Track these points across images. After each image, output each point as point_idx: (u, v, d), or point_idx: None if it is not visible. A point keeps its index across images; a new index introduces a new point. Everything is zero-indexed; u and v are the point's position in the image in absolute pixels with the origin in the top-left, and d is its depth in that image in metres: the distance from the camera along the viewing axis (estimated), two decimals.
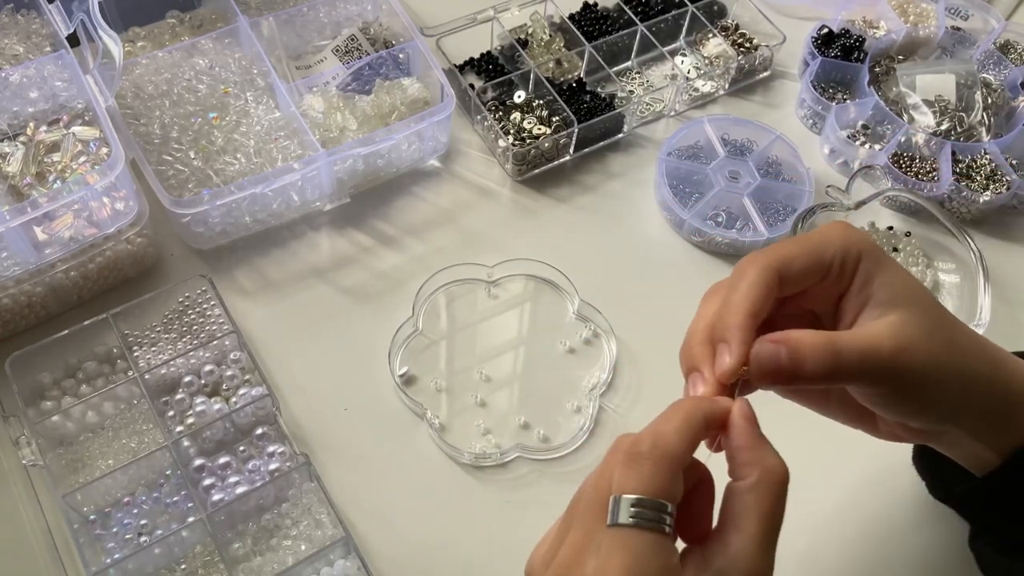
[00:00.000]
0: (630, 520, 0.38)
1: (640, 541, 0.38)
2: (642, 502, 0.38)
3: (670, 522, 0.39)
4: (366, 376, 0.69)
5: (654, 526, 0.38)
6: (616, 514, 0.38)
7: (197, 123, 0.75)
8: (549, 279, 0.75)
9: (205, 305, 0.70)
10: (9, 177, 0.68)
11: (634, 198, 0.81)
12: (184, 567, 0.60)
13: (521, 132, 0.80)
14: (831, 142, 0.84)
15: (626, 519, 0.38)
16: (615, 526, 0.38)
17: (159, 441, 0.63)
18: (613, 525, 0.38)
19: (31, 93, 0.72)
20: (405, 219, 0.78)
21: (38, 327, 0.69)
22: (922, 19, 0.91)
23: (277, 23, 0.81)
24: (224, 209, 0.71)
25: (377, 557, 0.61)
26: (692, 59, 0.90)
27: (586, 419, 0.68)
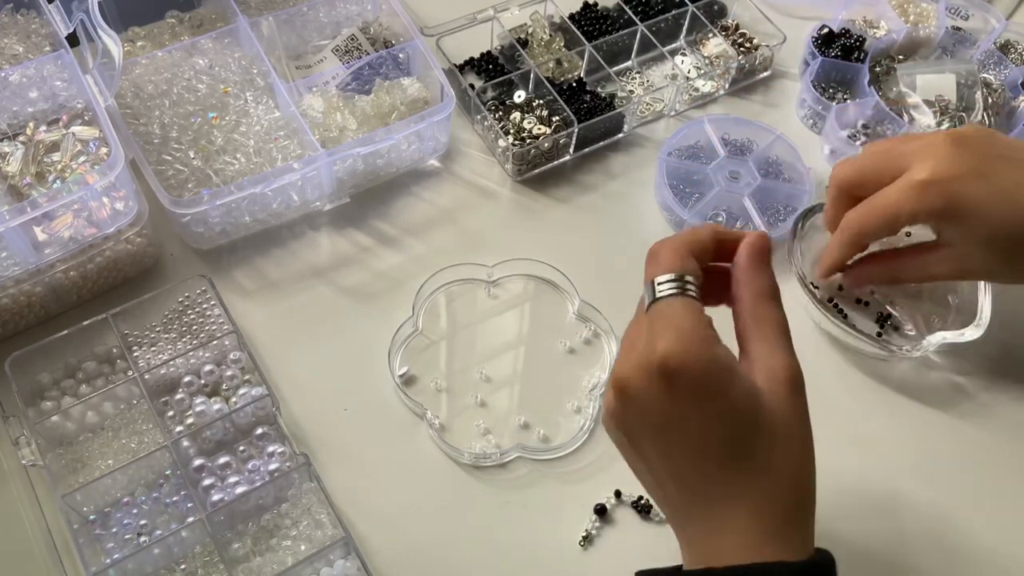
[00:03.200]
0: (660, 294, 0.47)
1: (670, 305, 0.46)
2: (669, 278, 0.47)
3: (693, 289, 0.47)
4: (366, 376, 0.69)
5: (678, 292, 0.46)
6: (652, 295, 0.47)
7: (197, 123, 0.75)
8: (549, 279, 0.75)
9: (205, 305, 0.70)
10: (9, 177, 0.68)
11: (634, 198, 0.81)
12: (184, 567, 0.60)
13: (521, 132, 0.80)
14: (831, 142, 0.84)
15: (654, 295, 0.47)
16: (651, 304, 0.47)
17: (159, 441, 0.63)
18: (650, 304, 0.47)
19: (31, 93, 0.72)
20: (405, 219, 0.78)
21: (38, 327, 0.69)
22: (922, 19, 0.91)
23: (277, 23, 0.81)
24: (224, 209, 0.71)
25: (377, 557, 0.61)
26: (692, 59, 0.90)
27: (586, 419, 0.68)
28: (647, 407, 0.45)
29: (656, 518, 0.64)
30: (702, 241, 0.49)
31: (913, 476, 0.67)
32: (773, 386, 0.45)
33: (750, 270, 0.48)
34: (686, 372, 0.43)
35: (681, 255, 0.47)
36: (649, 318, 0.46)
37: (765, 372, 0.45)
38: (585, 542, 0.63)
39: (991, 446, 0.69)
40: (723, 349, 0.45)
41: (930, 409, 0.70)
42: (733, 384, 0.44)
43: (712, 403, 0.44)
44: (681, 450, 0.46)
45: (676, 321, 0.45)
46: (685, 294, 0.46)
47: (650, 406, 0.45)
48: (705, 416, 0.44)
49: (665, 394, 0.44)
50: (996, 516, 0.66)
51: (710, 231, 0.49)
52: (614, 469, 0.66)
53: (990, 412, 0.70)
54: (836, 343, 0.73)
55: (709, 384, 0.44)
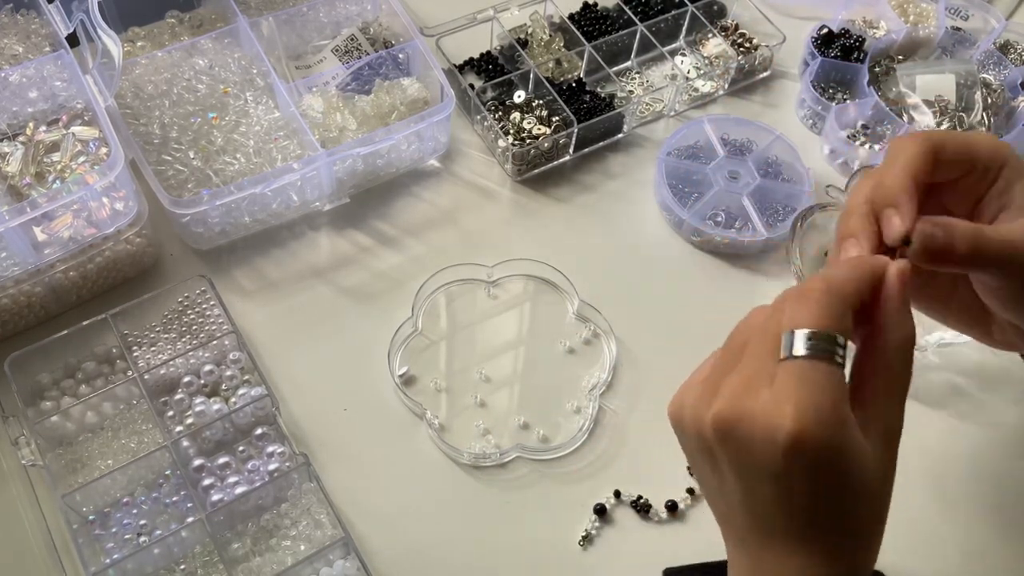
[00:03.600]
0: (804, 352, 0.40)
1: (815, 371, 0.40)
2: (816, 335, 0.40)
3: (842, 354, 0.40)
4: (366, 376, 0.69)
5: (828, 357, 0.40)
6: (790, 347, 0.40)
7: (197, 123, 0.75)
8: (549, 279, 0.75)
9: (204, 305, 0.70)
10: (8, 177, 0.68)
11: (634, 198, 0.81)
12: (183, 567, 0.60)
13: (521, 132, 0.80)
14: (831, 142, 0.84)
15: (800, 351, 0.40)
16: (790, 358, 0.40)
17: (158, 441, 0.63)
18: (788, 358, 0.40)
19: (30, 93, 0.72)
20: (405, 219, 0.78)
21: (38, 327, 0.69)
22: (922, 19, 0.91)
23: (277, 23, 0.81)
24: (224, 209, 0.71)
25: (377, 557, 0.61)
26: (692, 59, 0.90)
27: (586, 419, 0.68)
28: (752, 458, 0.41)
29: (655, 518, 0.64)
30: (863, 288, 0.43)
31: (912, 476, 0.67)
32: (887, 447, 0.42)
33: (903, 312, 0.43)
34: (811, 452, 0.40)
35: (840, 312, 0.41)
36: (783, 374, 0.40)
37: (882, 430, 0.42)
38: (585, 542, 0.63)
39: (991, 446, 0.69)
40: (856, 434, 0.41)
41: (929, 409, 0.70)
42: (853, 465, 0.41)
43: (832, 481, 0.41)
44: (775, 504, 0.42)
45: (814, 393, 0.40)
46: (831, 360, 0.40)
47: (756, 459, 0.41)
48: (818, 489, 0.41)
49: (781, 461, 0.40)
50: (996, 516, 0.66)
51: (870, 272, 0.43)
52: (614, 469, 0.66)
53: (990, 412, 0.70)
54: None
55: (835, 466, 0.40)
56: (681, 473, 0.66)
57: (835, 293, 0.41)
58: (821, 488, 0.41)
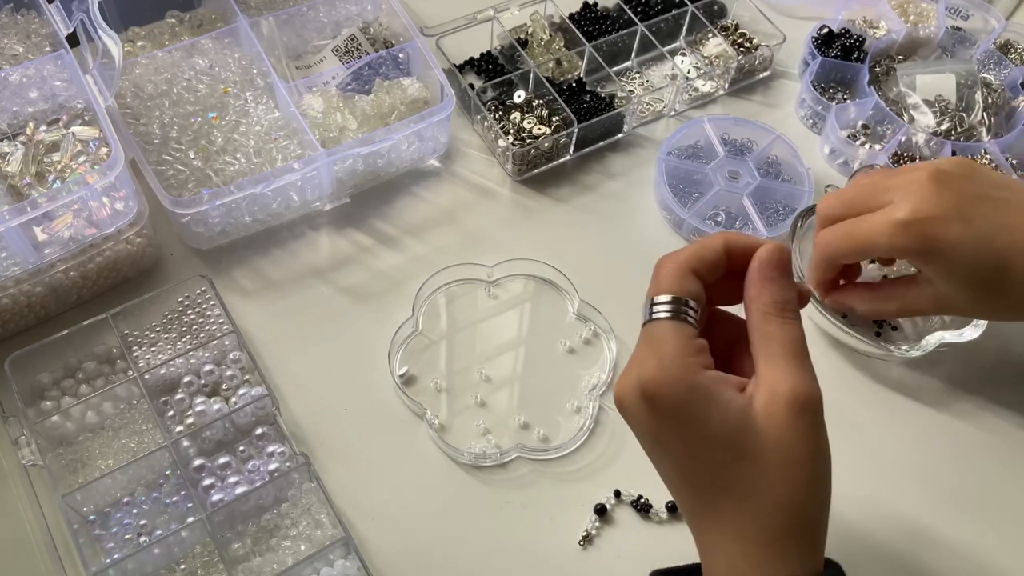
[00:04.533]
0: (656, 315, 0.46)
1: (662, 327, 0.45)
2: (663, 300, 0.46)
3: (692, 314, 0.46)
4: (366, 376, 0.69)
5: (675, 315, 0.45)
6: (648, 313, 0.46)
7: (197, 123, 0.75)
8: (549, 279, 0.75)
9: (204, 305, 0.70)
10: (9, 177, 0.68)
11: (634, 198, 0.81)
12: (184, 567, 0.60)
13: (521, 132, 0.80)
14: (831, 142, 0.84)
15: (654, 315, 0.46)
16: (646, 323, 0.46)
17: (159, 441, 0.63)
18: (645, 323, 0.46)
19: (31, 93, 0.72)
20: (405, 219, 0.78)
21: (38, 327, 0.69)
22: (922, 19, 0.91)
23: (277, 23, 0.81)
24: (224, 209, 0.71)
25: (377, 557, 0.61)
26: (692, 59, 0.90)
27: (586, 419, 0.68)
28: (639, 425, 0.46)
29: (656, 518, 0.64)
30: (710, 257, 0.47)
31: (912, 476, 0.67)
32: (771, 408, 0.43)
33: (758, 284, 0.47)
34: (662, 399, 0.44)
35: (681, 275, 0.46)
36: (641, 338, 0.46)
37: (766, 392, 0.44)
38: (585, 542, 0.63)
39: (990, 446, 0.69)
40: (710, 376, 0.44)
41: (929, 409, 0.70)
42: (712, 412, 0.43)
43: (690, 431, 0.44)
44: (670, 472, 0.46)
45: (660, 346, 0.45)
46: (677, 318, 0.45)
47: (640, 425, 0.46)
48: (686, 443, 0.44)
49: (649, 417, 0.45)
50: (996, 516, 0.66)
51: (720, 243, 0.48)
52: (614, 469, 0.66)
53: (989, 412, 0.70)
54: (835, 343, 0.73)
55: (687, 412, 0.44)
56: None
57: (677, 262, 0.47)
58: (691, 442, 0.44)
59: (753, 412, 0.43)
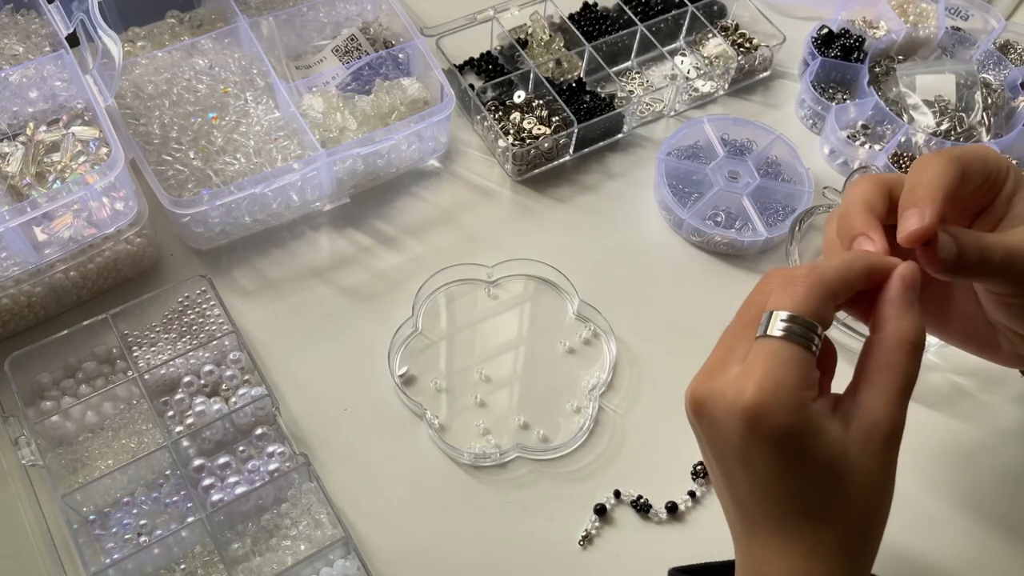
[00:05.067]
0: (779, 332, 0.41)
1: (785, 351, 0.41)
2: (794, 319, 0.41)
3: (817, 343, 0.42)
4: (366, 376, 0.69)
5: (802, 341, 0.41)
6: (767, 327, 0.42)
7: (197, 123, 0.75)
8: (549, 279, 0.75)
9: (204, 305, 0.70)
10: (9, 177, 0.68)
11: (634, 198, 0.81)
12: (183, 567, 0.60)
13: (521, 132, 0.80)
14: (831, 142, 0.84)
15: (775, 332, 0.41)
16: (764, 337, 0.42)
17: (159, 441, 0.63)
18: (762, 336, 0.42)
19: (31, 93, 0.72)
20: (405, 219, 0.78)
21: (38, 327, 0.69)
22: (922, 19, 0.91)
23: (277, 23, 0.81)
24: (224, 209, 0.71)
25: (377, 557, 0.61)
26: (692, 59, 0.90)
27: (586, 419, 0.68)
28: (720, 439, 0.43)
29: (655, 518, 0.64)
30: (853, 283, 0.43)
31: (912, 476, 0.67)
32: (868, 440, 0.42)
33: (900, 307, 0.43)
34: (769, 426, 0.41)
35: (819, 299, 0.42)
36: (754, 351, 0.42)
37: (867, 424, 0.42)
38: (585, 542, 0.63)
39: (991, 446, 0.69)
40: (818, 410, 0.42)
41: (930, 409, 0.70)
42: (814, 446, 0.41)
43: (790, 463, 0.42)
44: (746, 487, 0.44)
45: (779, 371, 0.41)
46: (802, 343, 0.41)
47: (723, 439, 0.43)
48: (777, 468, 0.42)
49: (742, 437, 0.41)
50: (996, 517, 0.66)
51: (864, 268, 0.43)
52: (614, 469, 0.66)
53: (990, 412, 0.70)
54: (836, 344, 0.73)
55: (790, 444, 0.41)
56: (681, 473, 0.66)
57: (818, 283, 0.42)
58: (784, 470, 0.41)
59: (849, 440, 0.42)
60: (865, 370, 0.43)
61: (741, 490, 0.44)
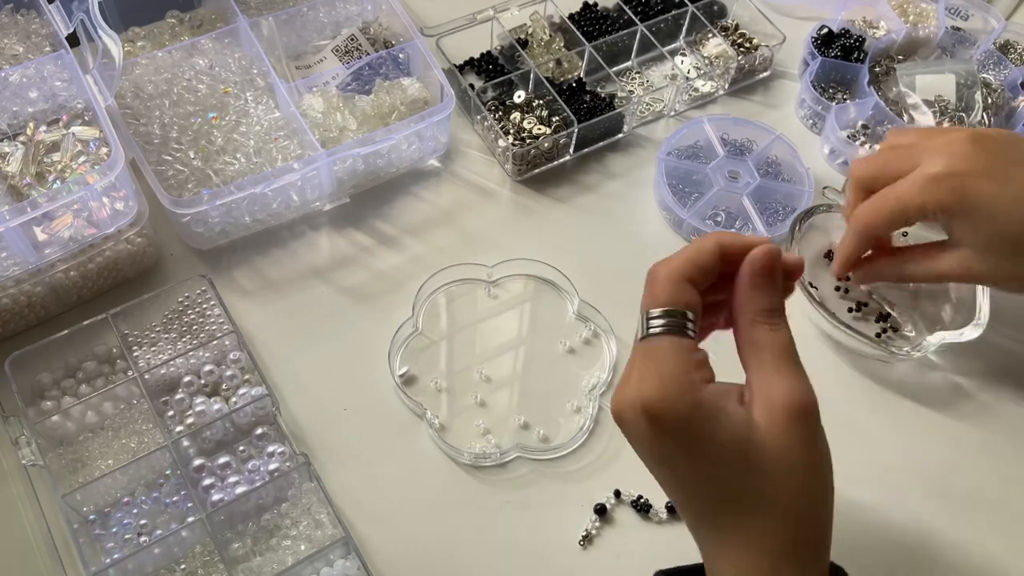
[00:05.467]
0: (654, 329, 0.45)
1: (661, 343, 0.44)
2: (660, 313, 0.45)
3: (691, 327, 0.45)
4: (366, 376, 0.69)
5: (675, 330, 0.44)
6: (644, 328, 0.45)
7: (197, 123, 0.75)
8: (549, 279, 0.75)
9: (205, 305, 0.70)
10: (9, 177, 0.68)
11: (634, 198, 0.81)
12: (184, 567, 0.60)
13: (521, 132, 0.80)
14: (831, 142, 0.84)
15: (650, 330, 0.45)
16: (644, 339, 0.45)
17: (159, 441, 0.63)
18: (643, 339, 0.45)
19: (31, 93, 0.72)
20: (405, 219, 0.78)
21: (38, 327, 0.69)
22: (922, 19, 0.91)
23: (277, 23, 0.81)
24: (224, 209, 0.71)
25: (377, 557, 0.61)
26: (692, 59, 0.90)
27: (586, 419, 0.68)
28: (641, 443, 0.45)
29: (655, 518, 0.64)
30: (705, 262, 0.46)
31: (912, 476, 0.67)
32: (770, 418, 0.43)
33: (746, 292, 0.46)
34: (666, 419, 0.43)
35: (676, 284, 0.45)
36: (639, 353, 0.45)
37: (762, 403, 0.43)
38: (585, 542, 0.63)
39: (991, 446, 0.69)
40: (713, 391, 0.43)
41: (930, 410, 0.70)
42: (716, 430, 0.43)
43: (695, 449, 0.43)
44: (674, 487, 0.46)
45: (660, 364, 0.44)
46: (675, 332, 0.44)
47: (642, 443, 0.45)
48: (691, 460, 0.43)
49: (651, 435, 0.43)
50: (996, 517, 0.66)
51: (714, 246, 0.46)
52: (614, 469, 0.66)
53: (990, 412, 0.71)
54: (836, 345, 0.73)
55: (691, 431, 0.43)
56: None
57: (672, 271, 0.45)
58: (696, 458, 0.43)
59: (754, 423, 0.43)
60: (742, 356, 0.46)
61: (674, 493, 0.46)
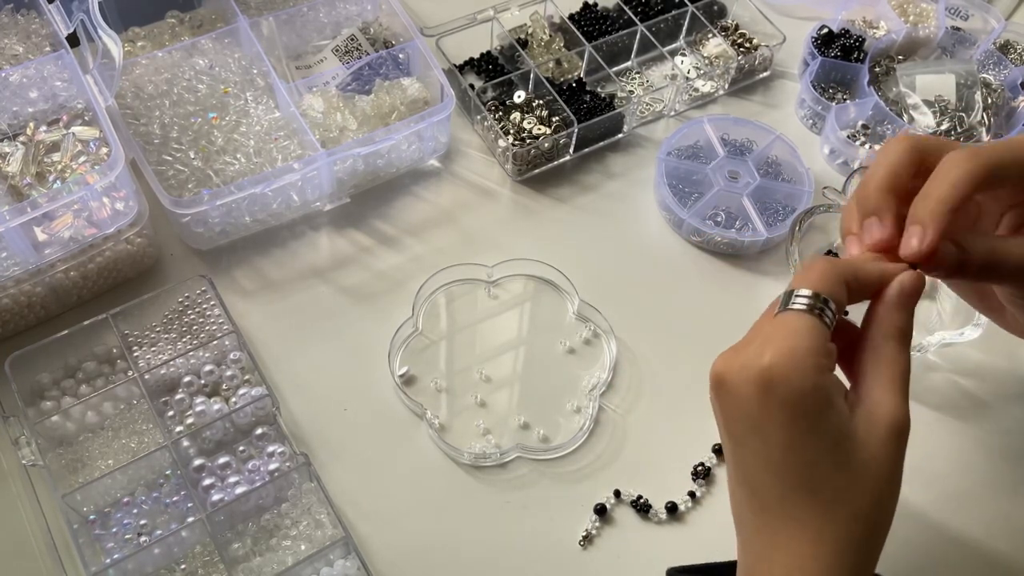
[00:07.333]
0: (795, 307, 0.44)
1: (801, 320, 0.44)
2: (809, 294, 0.44)
3: (831, 316, 0.44)
4: (366, 376, 0.69)
5: (817, 313, 0.44)
6: (785, 304, 0.45)
7: (197, 123, 0.75)
8: (549, 279, 0.75)
9: (205, 305, 0.70)
10: (9, 177, 0.68)
11: (634, 198, 0.81)
12: (184, 567, 0.60)
13: (521, 132, 0.80)
14: (831, 142, 0.84)
15: (787, 304, 0.44)
16: (782, 312, 0.45)
17: (159, 441, 0.63)
18: (780, 312, 0.45)
19: (31, 93, 0.72)
20: (405, 219, 0.78)
21: (38, 327, 0.69)
22: (922, 19, 0.91)
23: (277, 23, 0.81)
24: (224, 209, 0.71)
25: (377, 557, 0.61)
26: (692, 59, 0.90)
27: (586, 419, 0.68)
28: (737, 409, 0.44)
29: (655, 518, 0.64)
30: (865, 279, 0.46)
31: (913, 476, 0.67)
32: (872, 428, 0.43)
33: (893, 307, 0.45)
34: (784, 388, 0.42)
35: (834, 279, 0.45)
36: (772, 324, 0.45)
37: (868, 414, 0.44)
38: (585, 542, 0.63)
39: (991, 446, 0.69)
40: (832, 380, 0.43)
41: (930, 409, 0.70)
42: (829, 416, 0.43)
43: (801, 427, 0.43)
44: (759, 461, 0.45)
45: (795, 338, 0.43)
46: (815, 314, 0.44)
47: (740, 409, 0.44)
48: (792, 437, 0.43)
49: (757, 403, 0.43)
50: (996, 516, 0.66)
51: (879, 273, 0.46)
52: (614, 469, 0.66)
53: (990, 412, 0.71)
54: None
55: (804, 408, 0.42)
56: (682, 473, 0.66)
57: (834, 266, 0.45)
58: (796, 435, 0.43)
59: (854, 424, 0.44)
60: (861, 364, 0.45)
61: (754, 467, 0.45)
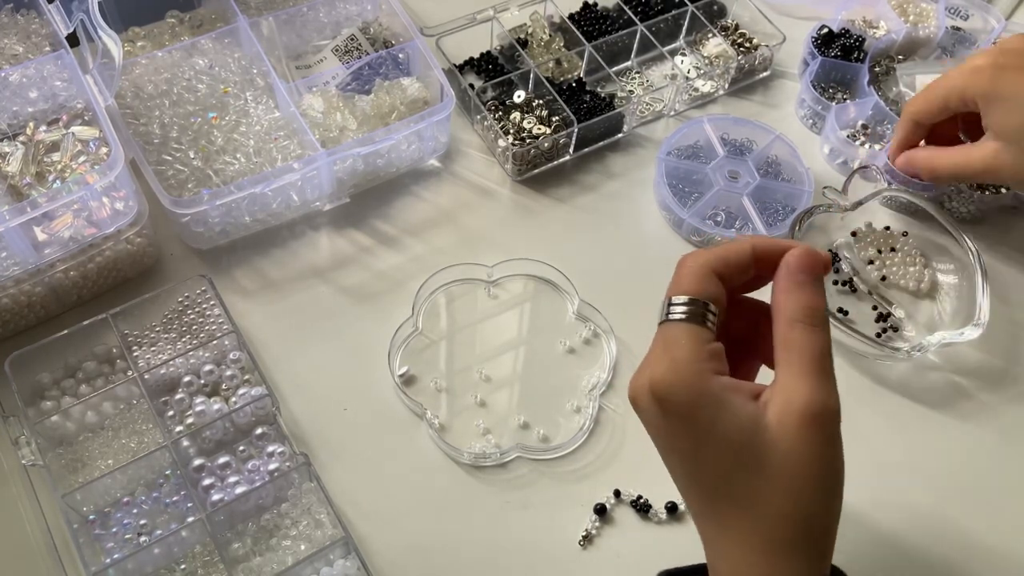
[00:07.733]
0: (673, 316, 0.45)
1: (678, 329, 0.45)
2: (683, 300, 0.45)
3: (711, 319, 0.45)
4: (366, 376, 0.69)
5: (694, 319, 0.45)
6: (664, 314, 0.46)
7: (197, 123, 0.75)
8: (549, 279, 0.75)
9: (205, 305, 0.70)
10: (9, 177, 0.68)
11: (634, 198, 0.81)
12: (184, 567, 0.60)
13: (521, 132, 0.80)
14: (831, 142, 0.84)
15: (670, 316, 0.46)
16: (663, 323, 0.46)
17: (159, 441, 0.63)
18: (662, 323, 0.46)
19: (31, 93, 0.72)
20: (405, 219, 0.78)
21: (38, 327, 0.69)
22: (922, 19, 0.91)
23: (277, 23, 0.81)
24: (224, 209, 0.71)
25: (377, 557, 0.61)
26: (692, 59, 0.90)
27: (586, 419, 0.68)
28: (649, 423, 0.46)
29: (655, 518, 0.64)
30: (736, 259, 0.46)
31: (913, 476, 0.67)
32: (784, 419, 0.43)
33: (785, 289, 0.46)
34: (672, 401, 0.43)
35: (703, 276, 0.46)
36: (655, 338, 0.46)
37: (781, 403, 0.43)
38: (585, 542, 0.63)
39: (991, 446, 0.69)
40: (722, 384, 0.44)
41: (930, 409, 0.70)
42: (719, 419, 0.43)
43: (697, 435, 0.43)
44: (679, 474, 0.46)
45: (673, 349, 0.44)
46: (693, 320, 0.45)
47: (651, 425, 0.46)
48: (695, 447, 0.44)
49: (659, 418, 0.44)
50: (996, 516, 0.66)
51: (748, 246, 0.47)
52: (614, 469, 0.66)
53: (990, 412, 0.71)
54: (837, 345, 0.72)
55: (694, 417, 0.43)
56: None
57: (703, 263, 0.46)
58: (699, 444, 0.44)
59: (765, 422, 0.43)
60: (776, 357, 0.45)
61: (679, 479, 0.47)
